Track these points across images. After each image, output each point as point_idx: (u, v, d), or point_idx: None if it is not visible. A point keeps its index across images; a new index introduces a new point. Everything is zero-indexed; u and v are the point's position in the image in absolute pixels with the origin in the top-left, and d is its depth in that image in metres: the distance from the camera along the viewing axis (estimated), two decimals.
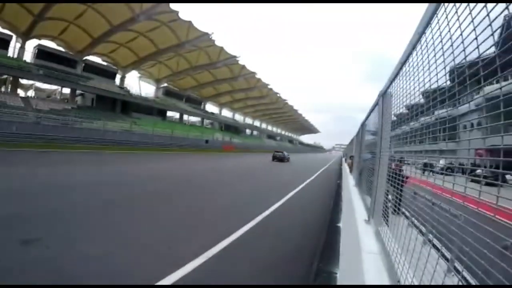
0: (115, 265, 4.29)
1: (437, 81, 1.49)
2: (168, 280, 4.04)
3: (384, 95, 2.99)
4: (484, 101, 1.11)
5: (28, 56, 39.68)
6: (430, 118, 1.74)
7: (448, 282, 1.18)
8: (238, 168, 23.98)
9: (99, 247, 4.84)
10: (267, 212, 8.50)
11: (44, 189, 8.63)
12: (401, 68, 2.28)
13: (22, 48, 38.06)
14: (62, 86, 43.76)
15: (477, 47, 1.07)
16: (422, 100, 1.85)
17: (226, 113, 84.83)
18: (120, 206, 7.67)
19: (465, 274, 1.23)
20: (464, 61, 1.20)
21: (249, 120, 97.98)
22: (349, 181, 9.29)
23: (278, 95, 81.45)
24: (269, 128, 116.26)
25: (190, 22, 42.98)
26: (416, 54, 1.85)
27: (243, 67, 60.66)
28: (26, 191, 8.21)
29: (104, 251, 4.70)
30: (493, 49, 1.03)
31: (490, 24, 0.99)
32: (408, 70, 2.06)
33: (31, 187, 8.66)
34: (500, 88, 0.97)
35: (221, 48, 51.91)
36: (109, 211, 7.12)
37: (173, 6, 38.77)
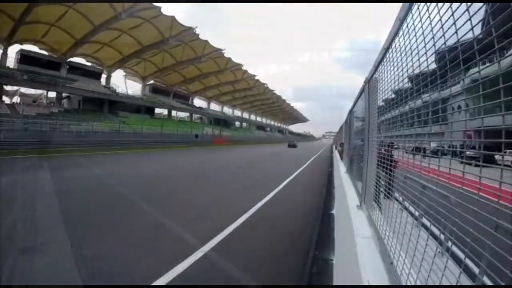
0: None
1: (419, 66, 1.52)
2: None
3: (369, 82, 3.02)
4: (470, 83, 1.12)
5: (11, 62, 38.61)
6: (414, 103, 1.77)
7: (439, 262, 1.21)
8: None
9: None
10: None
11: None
12: (385, 54, 2.30)
13: (4, 54, 36.90)
14: (48, 90, 42.78)
15: (456, 32, 1.09)
16: (407, 85, 1.87)
17: (215, 106, 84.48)
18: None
19: (455, 250, 1.26)
20: (443, 46, 1.22)
21: (238, 113, 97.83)
22: (340, 168, 9.38)
23: (265, 85, 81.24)
24: (258, 119, 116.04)
25: (173, 17, 42.34)
26: (399, 40, 1.87)
27: (229, 59, 60.20)
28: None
29: None
30: (478, 30, 1.03)
31: (469, 7, 1.00)
32: (392, 56, 2.08)
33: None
34: (479, 72, 0.99)
35: (206, 42, 51.26)
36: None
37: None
